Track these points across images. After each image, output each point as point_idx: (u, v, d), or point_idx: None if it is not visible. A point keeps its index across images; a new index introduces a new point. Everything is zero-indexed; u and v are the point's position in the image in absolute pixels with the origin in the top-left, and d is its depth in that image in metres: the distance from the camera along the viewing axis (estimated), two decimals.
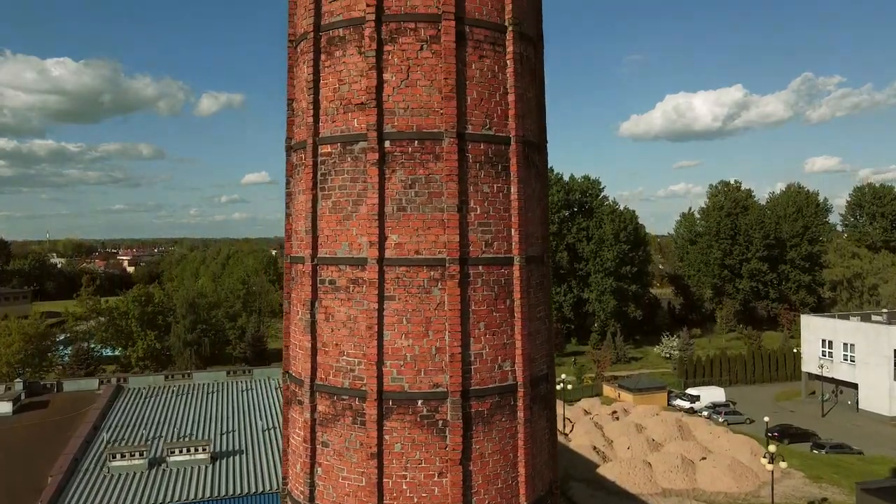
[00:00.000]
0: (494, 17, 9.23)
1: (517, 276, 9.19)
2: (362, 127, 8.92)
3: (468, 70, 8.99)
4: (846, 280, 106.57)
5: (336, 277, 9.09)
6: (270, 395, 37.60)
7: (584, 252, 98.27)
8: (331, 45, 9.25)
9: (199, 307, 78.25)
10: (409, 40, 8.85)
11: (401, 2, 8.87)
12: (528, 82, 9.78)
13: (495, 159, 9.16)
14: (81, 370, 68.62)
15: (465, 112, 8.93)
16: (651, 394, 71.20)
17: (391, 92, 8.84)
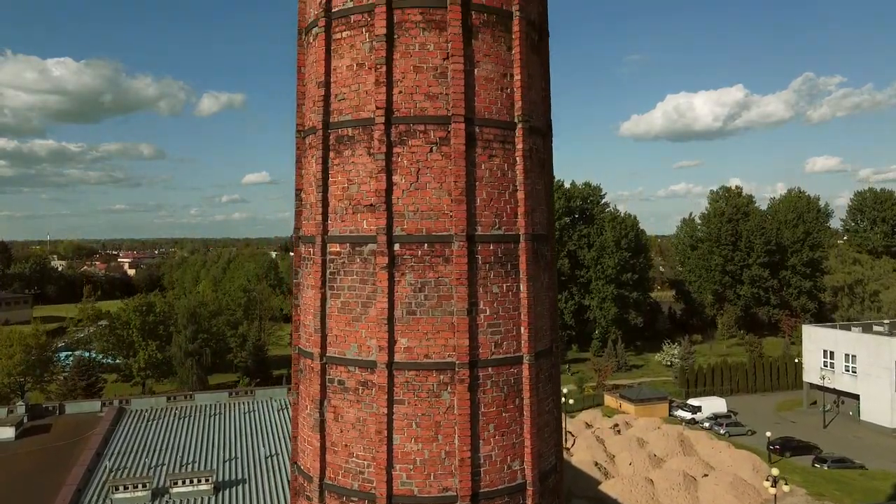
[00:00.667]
0: (504, 116, 9.19)
1: (526, 374, 9.17)
2: (372, 229, 8.88)
3: (478, 171, 8.95)
4: (847, 286, 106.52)
5: (345, 378, 9.07)
6: (273, 417, 37.55)
7: (584, 259, 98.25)
8: (340, 143, 9.21)
9: (201, 317, 78.18)
10: (418, 142, 8.81)
11: (410, 104, 8.83)
12: (537, 175, 9.74)
13: (504, 258, 9.12)
14: (83, 381, 68.55)
15: (474, 213, 8.90)
16: (652, 404, 71.25)
17: (401, 194, 8.81)
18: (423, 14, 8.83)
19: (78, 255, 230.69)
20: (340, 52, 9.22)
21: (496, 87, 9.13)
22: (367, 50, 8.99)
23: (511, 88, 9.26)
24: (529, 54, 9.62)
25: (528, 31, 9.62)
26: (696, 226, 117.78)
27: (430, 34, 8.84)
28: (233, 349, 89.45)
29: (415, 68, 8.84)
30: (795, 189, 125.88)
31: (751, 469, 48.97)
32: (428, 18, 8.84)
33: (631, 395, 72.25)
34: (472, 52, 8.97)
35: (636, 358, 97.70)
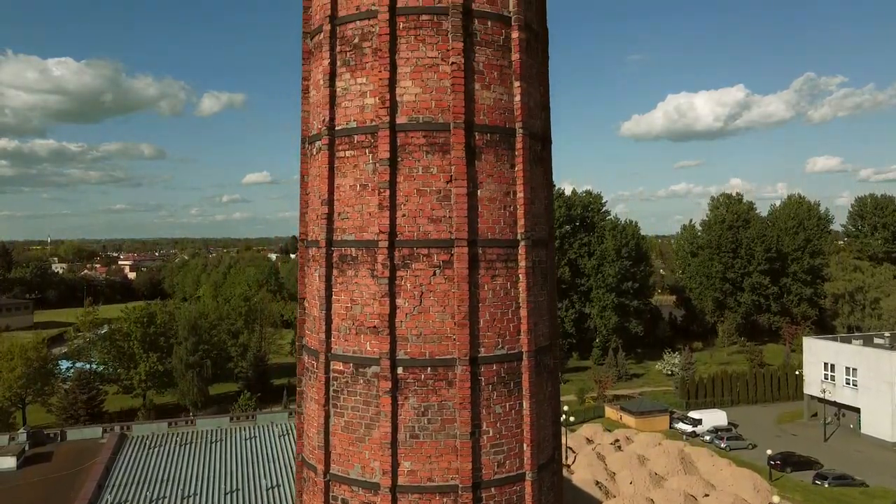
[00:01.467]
0: (507, 234, 9.20)
1: (528, 491, 9.18)
2: (375, 352, 8.89)
3: (481, 292, 8.96)
4: (848, 293, 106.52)
5: (349, 498, 9.08)
6: (274, 443, 37.60)
7: (585, 268, 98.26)
8: (343, 262, 9.22)
9: (202, 329, 78.21)
10: (421, 266, 8.82)
11: (413, 227, 8.83)
12: (539, 288, 9.75)
13: (507, 378, 9.13)
14: (84, 394, 68.60)
15: (477, 336, 8.91)
16: (653, 417, 71.31)
17: (404, 318, 8.82)
18: (427, 137, 8.84)
19: (78, 257, 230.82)
20: (344, 171, 9.23)
21: (499, 206, 9.14)
22: (371, 171, 8.99)
23: (514, 206, 9.26)
24: (533, 168, 9.63)
25: (531, 144, 9.62)
26: (697, 232, 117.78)
27: (434, 157, 8.84)
28: (233, 358, 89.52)
29: (418, 191, 8.84)
30: (796, 195, 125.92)
31: (752, 488, 48.98)
32: (431, 141, 8.84)
33: (632, 408, 72.29)
34: (475, 173, 8.97)
35: (637, 366, 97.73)
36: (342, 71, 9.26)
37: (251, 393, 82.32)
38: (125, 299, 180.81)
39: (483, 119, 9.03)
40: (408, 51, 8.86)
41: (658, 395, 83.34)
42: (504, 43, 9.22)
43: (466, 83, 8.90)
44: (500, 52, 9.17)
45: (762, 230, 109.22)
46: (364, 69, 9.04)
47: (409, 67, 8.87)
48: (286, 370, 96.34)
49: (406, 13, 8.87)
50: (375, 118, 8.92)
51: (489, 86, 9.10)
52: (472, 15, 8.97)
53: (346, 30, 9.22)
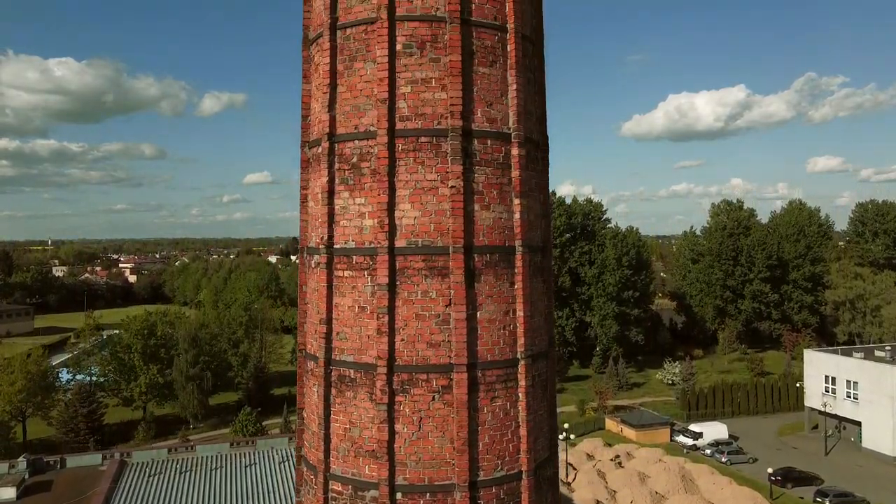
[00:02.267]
0: (507, 354, 9.12)
1: None
2: (374, 476, 8.81)
3: (480, 415, 8.88)
4: (848, 301, 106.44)
5: None
6: (274, 471, 37.57)
7: (586, 276, 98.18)
8: (342, 382, 9.14)
9: (202, 341, 78.17)
10: (420, 391, 8.74)
11: (412, 352, 8.75)
12: (540, 400, 9.67)
13: (507, 498, 9.05)
14: (84, 408, 68.57)
15: (477, 459, 8.83)
16: (654, 429, 71.28)
17: (403, 444, 8.74)
18: (426, 261, 8.75)
19: (79, 259, 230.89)
20: (342, 291, 9.14)
21: (498, 327, 9.05)
22: (369, 293, 8.91)
23: (514, 324, 9.18)
24: (533, 281, 9.54)
25: (531, 258, 9.53)
26: (698, 239, 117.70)
27: (433, 281, 8.76)
28: (234, 367, 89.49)
29: (417, 316, 8.76)
30: (797, 201, 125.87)
31: None
32: (430, 265, 8.76)
33: (632, 421, 72.25)
34: (475, 296, 8.88)
35: (637, 375, 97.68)
36: (340, 189, 9.17)
37: (251, 404, 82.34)
38: (126, 303, 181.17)
39: (482, 240, 8.94)
40: (407, 173, 8.77)
41: (659, 406, 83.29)
42: (504, 160, 9.14)
43: (466, 205, 8.82)
44: (499, 170, 9.08)
45: (763, 237, 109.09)
46: (363, 190, 8.96)
47: (408, 190, 8.78)
48: (286, 379, 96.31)
49: (405, 135, 8.77)
50: (374, 241, 8.83)
51: (489, 206, 9.01)
52: (471, 135, 8.88)
53: (344, 148, 9.13)
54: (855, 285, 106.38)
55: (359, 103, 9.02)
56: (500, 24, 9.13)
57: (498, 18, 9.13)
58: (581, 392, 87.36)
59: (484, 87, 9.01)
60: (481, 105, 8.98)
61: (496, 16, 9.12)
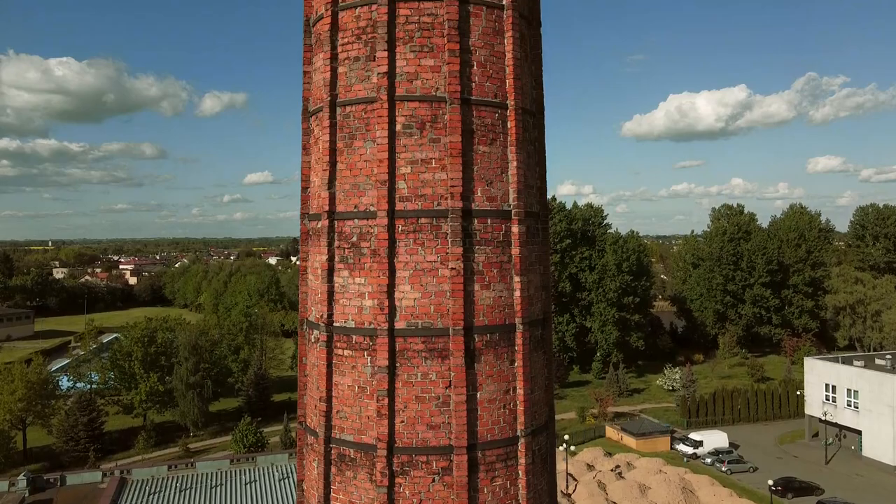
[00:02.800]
0: (507, 432, 9.09)
1: None
2: None
3: (480, 496, 8.85)
4: (849, 306, 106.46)
5: None
6: (274, 488, 37.55)
7: (586, 282, 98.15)
8: (341, 461, 9.10)
9: (202, 348, 78.15)
10: (420, 473, 8.70)
11: (412, 434, 8.72)
12: (540, 473, 9.63)
13: None
14: (84, 416, 68.57)
15: None
16: (654, 438, 71.26)
17: None
18: (426, 343, 8.72)
19: (80, 261, 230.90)
20: (342, 370, 9.11)
21: (499, 406, 9.02)
22: (369, 374, 8.87)
23: (514, 402, 9.15)
24: (533, 357, 9.50)
25: (532, 333, 9.49)
26: (699, 243, 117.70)
27: (433, 363, 8.73)
28: (234, 373, 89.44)
29: (417, 398, 8.72)
30: (798, 204, 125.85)
31: None
32: (430, 347, 8.72)
33: (633, 429, 72.21)
34: (475, 377, 8.85)
35: (637, 380, 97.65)
36: (340, 267, 9.13)
37: (252, 410, 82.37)
38: (126, 306, 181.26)
39: (483, 320, 8.91)
40: (407, 254, 8.73)
41: (659, 413, 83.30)
42: (504, 238, 9.10)
43: (466, 286, 8.78)
44: (499, 248, 9.05)
45: (763, 242, 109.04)
46: (363, 270, 8.92)
47: (408, 272, 8.74)
48: (287, 384, 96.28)
49: (405, 216, 8.74)
50: (374, 322, 8.80)
51: (489, 285, 8.97)
52: (471, 215, 8.85)
53: (344, 226, 9.09)
54: (855, 290, 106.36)
55: (359, 182, 8.99)
56: (500, 101, 9.10)
57: (498, 96, 9.09)
58: (581, 398, 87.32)
59: (484, 165, 8.97)
60: (481, 184, 8.94)
61: (496, 93, 9.08)
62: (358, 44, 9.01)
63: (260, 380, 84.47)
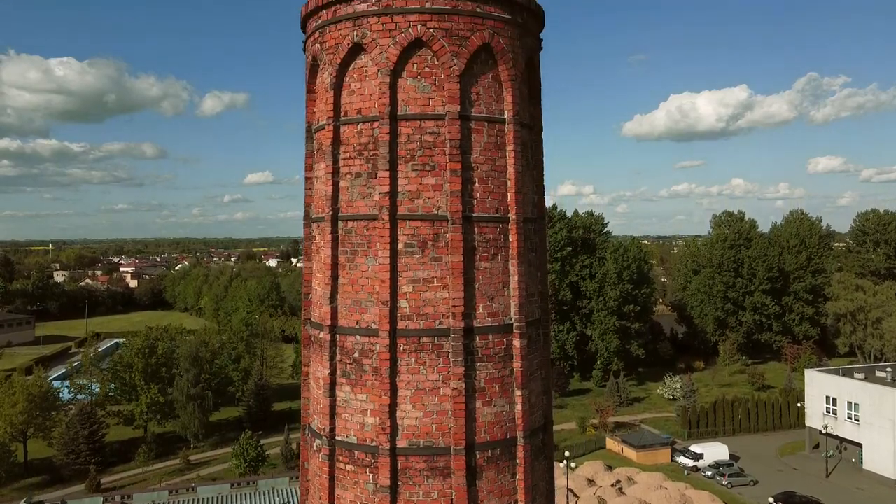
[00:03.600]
0: None
1: None
2: None
3: None
4: (849, 313, 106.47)
5: None
6: None
7: (586, 290, 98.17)
8: None
9: (203, 360, 78.17)
10: None
11: None
12: None
13: None
14: (84, 429, 68.63)
15: None
16: (654, 450, 71.30)
17: None
18: (427, 462, 8.71)
19: (80, 263, 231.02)
20: (345, 484, 9.11)
21: None
22: (371, 491, 8.87)
23: None
24: (535, 466, 9.50)
25: (533, 444, 9.49)
26: (699, 250, 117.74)
27: (434, 482, 8.72)
28: (235, 382, 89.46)
29: None
30: (798, 211, 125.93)
31: None
32: (432, 466, 8.72)
33: (633, 441, 72.24)
34: (476, 494, 8.85)
35: (638, 388, 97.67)
36: (342, 382, 9.13)
37: (252, 420, 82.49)
38: (127, 310, 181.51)
39: (484, 437, 8.91)
40: (409, 373, 8.73)
41: (660, 423, 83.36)
42: (506, 352, 9.10)
43: (468, 404, 8.79)
44: (501, 362, 9.04)
45: (764, 249, 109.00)
46: (365, 386, 8.91)
47: (410, 391, 8.74)
48: (287, 392, 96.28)
49: (407, 335, 8.73)
50: (376, 440, 8.79)
51: (490, 401, 8.97)
52: (473, 333, 8.84)
53: (346, 341, 9.09)
54: (856, 297, 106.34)
55: (360, 298, 8.98)
56: (501, 215, 9.09)
57: (499, 210, 9.09)
58: (581, 408, 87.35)
59: (486, 282, 8.97)
60: (483, 300, 8.94)
61: (498, 208, 9.07)
62: (360, 160, 9.00)
63: (260, 390, 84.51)
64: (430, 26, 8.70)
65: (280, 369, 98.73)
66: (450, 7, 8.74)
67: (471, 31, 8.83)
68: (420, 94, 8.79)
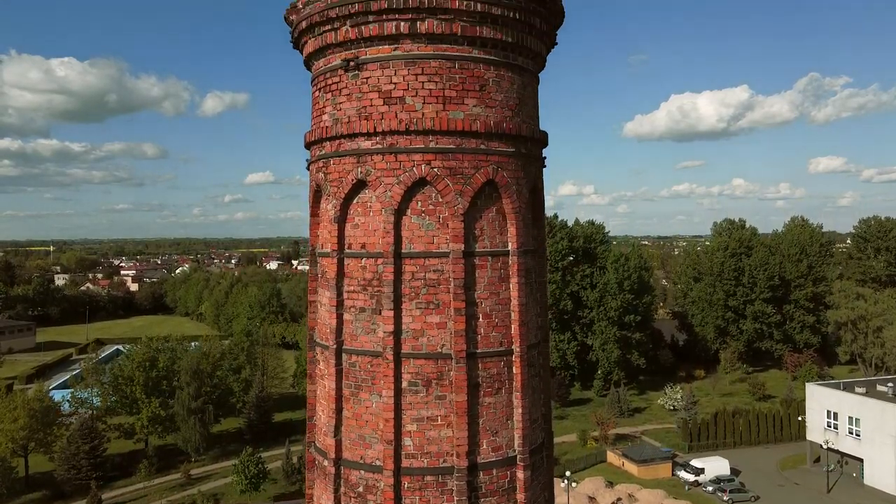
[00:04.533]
0: None
1: None
2: None
3: None
4: (850, 322, 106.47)
5: None
6: None
7: (587, 300, 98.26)
8: None
9: (203, 373, 78.25)
10: None
11: None
12: None
13: None
14: (86, 444, 68.74)
15: None
16: (656, 464, 71.40)
17: None
18: None
19: (81, 266, 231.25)
20: None
21: None
22: None
23: None
24: None
25: None
26: (699, 258, 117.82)
27: None
28: (236, 393, 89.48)
29: None
30: (799, 218, 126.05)
31: None
32: None
33: (634, 455, 72.34)
34: None
35: (639, 398, 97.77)
36: None
37: (253, 433, 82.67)
38: (128, 314, 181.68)
39: None
40: None
41: (660, 435, 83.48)
42: (509, 484, 9.08)
43: None
44: (505, 495, 9.02)
45: (765, 258, 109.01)
46: None
47: None
48: (288, 402, 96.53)
49: (411, 473, 8.71)
50: None
51: None
52: (477, 469, 8.82)
53: (350, 474, 9.07)
54: (857, 306, 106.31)
55: (364, 434, 8.97)
56: (505, 348, 9.07)
57: (503, 343, 9.07)
58: (582, 419, 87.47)
59: (490, 417, 8.96)
60: (486, 436, 8.93)
61: (502, 341, 9.05)
62: (364, 295, 8.98)
63: (261, 402, 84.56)
64: (434, 165, 8.69)
65: (281, 379, 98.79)
66: (454, 146, 8.72)
67: (475, 169, 8.82)
68: (424, 231, 8.77)
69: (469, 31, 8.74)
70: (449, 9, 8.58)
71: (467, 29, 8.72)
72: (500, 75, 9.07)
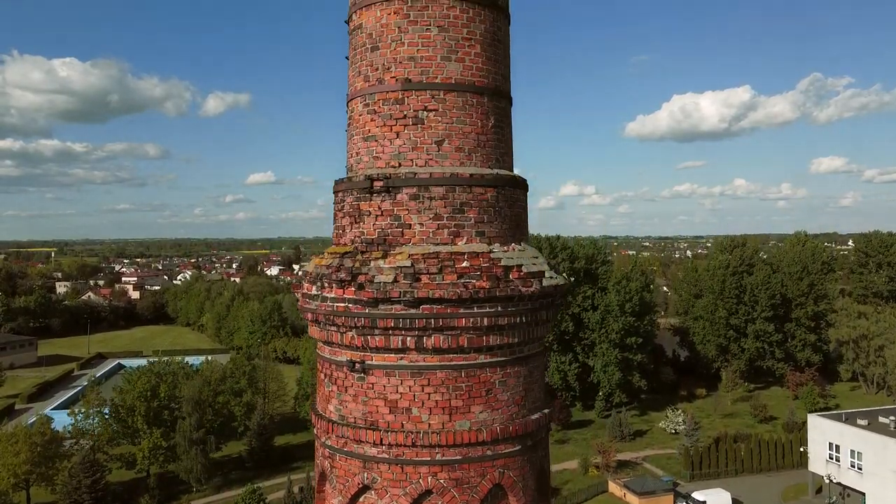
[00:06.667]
0: None
1: None
2: None
3: None
4: (852, 340, 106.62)
5: None
6: None
7: (589, 322, 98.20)
8: None
9: (205, 403, 78.30)
10: None
11: None
12: None
13: None
14: (87, 478, 68.77)
15: None
16: (657, 497, 71.40)
17: None
18: None
19: (82, 273, 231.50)
20: None
21: None
22: None
23: None
24: None
25: None
26: (700, 276, 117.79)
27: None
28: (237, 418, 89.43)
29: None
30: (802, 233, 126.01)
31: None
32: None
33: (635, 487, 72.31)
34: None
35: (640, 420, 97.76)
36: None
37: (254, 460, 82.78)
38: (129, 324, 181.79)
39: None
40: None
41: (662, 461, 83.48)
42: None
43: None
44: None
45: (767, 276, 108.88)
46: None
47: None
48: (289, 424, 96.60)
49: None
50: None
51: None
52: None
53: None
54: (858, 325, 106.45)
55: None
56: None
57: None
58: (583, 443, 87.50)
59: None
60: None
61: None
62: None
63: (262, 430, 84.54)
64: (440, 478, 8.57)
65: (283, 402, 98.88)
66: (460, 457, 8.61)
67: (481, 477, 8.70)
68: None
69: (475, 343, 8.62)
70: (455, 326, 8.46)
71: (474, 340, 8.61)
72: (506, 374, 8.96)
